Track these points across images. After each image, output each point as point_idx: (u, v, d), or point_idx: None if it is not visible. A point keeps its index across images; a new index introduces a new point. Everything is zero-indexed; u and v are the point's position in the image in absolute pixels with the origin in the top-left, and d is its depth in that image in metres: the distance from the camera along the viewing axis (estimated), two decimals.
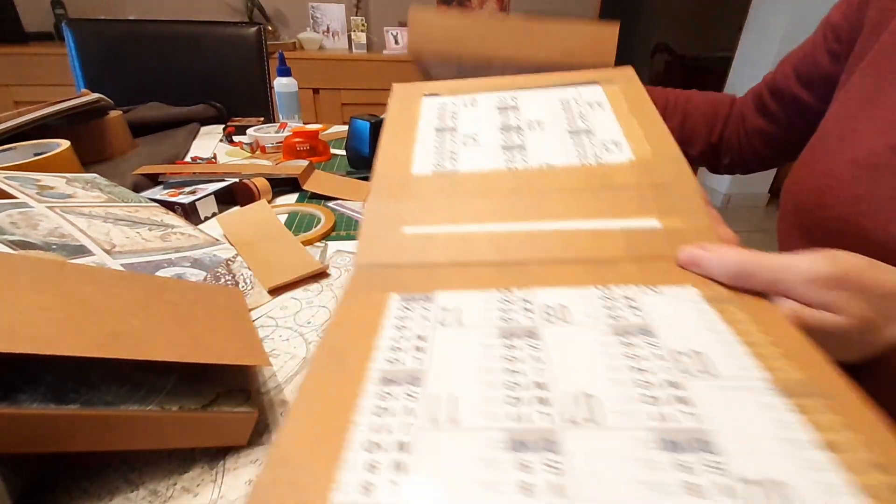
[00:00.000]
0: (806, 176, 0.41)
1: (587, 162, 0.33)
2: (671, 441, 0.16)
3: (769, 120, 0.55)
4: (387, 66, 2.15)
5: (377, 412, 0.18)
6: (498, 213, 0.30)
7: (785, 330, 0.21)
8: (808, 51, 0.49)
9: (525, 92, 0.41)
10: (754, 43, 2.35)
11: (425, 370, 0.20)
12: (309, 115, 2.12)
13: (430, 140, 0.37)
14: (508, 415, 0.18)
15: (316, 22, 2.31)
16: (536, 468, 0.16)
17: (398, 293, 0.25)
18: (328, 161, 0.82)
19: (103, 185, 0.56)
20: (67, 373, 0.23)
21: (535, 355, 0.21)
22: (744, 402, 0.18)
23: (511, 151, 0.35)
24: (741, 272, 0.24)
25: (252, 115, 1.06)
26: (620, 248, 0.27)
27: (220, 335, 0.29)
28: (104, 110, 0.79)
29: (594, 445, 0.17)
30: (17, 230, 0.39)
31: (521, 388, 0.19)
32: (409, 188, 0.33)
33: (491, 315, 0.23)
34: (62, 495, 0.24)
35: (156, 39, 1.18)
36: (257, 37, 1.23)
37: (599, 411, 0.18)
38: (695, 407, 0.17)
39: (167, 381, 0.25)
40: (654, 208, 0.29)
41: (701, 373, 0.19)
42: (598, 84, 0.41)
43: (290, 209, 0.60)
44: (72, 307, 0.25)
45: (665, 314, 0.22)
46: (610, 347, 0.21)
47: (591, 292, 0.24)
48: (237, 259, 0.47)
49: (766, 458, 0.16)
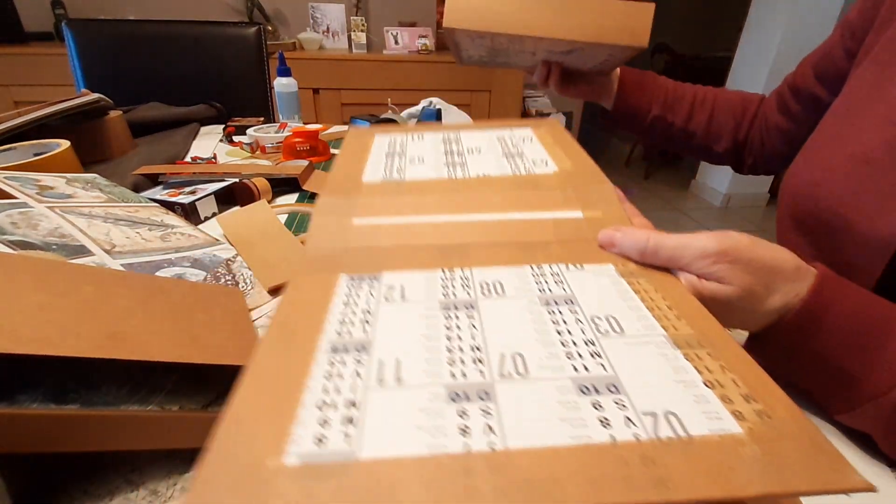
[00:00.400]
0: (803, 168, 0.42)
1: (518, 173, 0.38)
2: (587, 386, 0.20)
3: (789, 119, 0.55)
4: (387, 66, 2.14)
5: (327, 376, 0.20)
6: (440, 207, 0.34)
7: (681, 296, 0.26)
8: (827, 49, 0.49)
9: (466, 131, 0.47)
10: (754, 43, 2.35)
11: (371, 340, 0.22)
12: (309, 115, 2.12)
13: (380, 161, 0.41)
14: (448, 373, 0.20)
15: (316, 22, 2.31)
16: (472, 414, 0.18)
17: (346, 273, 0.27)
18: (328, 161, 0.82)
19: (103, 185, 0.56)
20: (67, 373, 0.23)
21: (472, 324, 0.23)
22: (646, 354, 0.22)
23: (453, 167, 0.39)
24: (646, 249, 0.28)
25: (252, 115, 1.06)
26: (549, 233, 0.31)
27: (220, 335, 0.29)
28: (104, 110, 0.79)
29: (522, 393, 0.19)
30: (17, 230, 0.39)
31: (459, 352, 0.22)
32: (358, 190, 0.36)
33: (433, 291, 0.26)
34: (62, 495, 0.24)
35: (156, 39, 1.18)
36: (257, 37, 1.23)
37: (528, 366, 0.21)
38: (607, 360, 0.21)
39: (167, 381, 0.25)
40: (577, 204, 0.34)
41: (613, 332, 0.23)
42: (529, 127, 0.48)
43: (290, 209, 0.60)
44: (72, 307, 0.25)
45: (586, 286, 0.26)
46: (538, 315, 0.24)
47: (523, 270, 0.28)
48: (237, 259, 0.47)
49: (663, 395, 0.19)
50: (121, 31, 1.18)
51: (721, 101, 0.60)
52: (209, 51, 1.21)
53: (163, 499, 0.24)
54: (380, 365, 0.21)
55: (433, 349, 0.22)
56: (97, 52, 1.16)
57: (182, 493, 0.24)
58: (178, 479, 0.25)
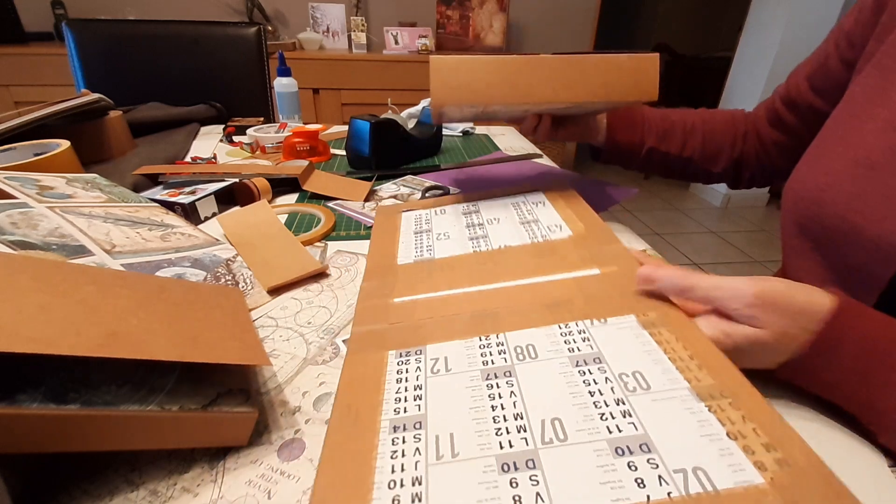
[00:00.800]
0: (807, 174, 0.42)
1: (536, 240, 0.42)
2: (621, 448, 0.22)
3: (786, 132, 0.55)
4: (387, 66, 2.14)
5: (392, 455, 0.23)
6: (469, 279, 0.37)
7: (702, 344, 0.27)
8: (821, 60, 0.48)
9: (483, 201, 0.52)
10: (754, 43, 2.35)
11: (425, 414, 0.25)
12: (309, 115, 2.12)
13: (410, 240, 0.46)
14: (497, 443, 0.23)
15: (316, 22, 2.30)
16: (522, 483, 0.21)
17: (394, 350, 0.30)
18: (328, 161, 0.82)
19: (103, 185, 0.56)
20: (67, 373, 0.23)
21: (512, 391, 0.26)
22: (673, 409, 0.23)
23: (476, 240, 0.43)
24: (683, 287, 0.29)
25: (252, 115, 1.06)
26: (573, 291, 0.34)
27: (220, 335, 0.29)
28: (104, 110, 0.79)
29: (564, 459, 0.21)
30: (17, 230, 0.39)
31: (503, 421, 0.24)
32: (395, 272, 0.40)
33: (473, 360, 0.29)
34: (62, 495, 0.24)
35: (156, 39, 1.18)
36: (257, 37, 1.23)
37: (566, 430, 0.23)
38: (637, 418, 0.23)
39: (167, 380, 0.25)
40: (592, 263, 0.37)
41: (640, 388, 0.25)
42: (541, 192, 0.52)
43: (290, 209, 0.60)
44: (72, 307, 0.25)
45: (611, 342, 0.28)
46: (570, 377, 0.26)
47: (552, 330, 0.30)
48: (237, 259, 0.47)
49: (691, 451, 0.21)
50: (121, 31, 1.18)
51: (710, 123, 0.60)
52: (209, 51, 1.21)
53: (163, 499, 0.24)
54: (436, 440, 0.23)
55: (481, 420, 0.24)
56: (97, 52, 1.16)
57: (182, 493, 0.24)
58: (178, 479, 0.25)
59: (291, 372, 0.33)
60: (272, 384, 0.32)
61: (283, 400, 0.31)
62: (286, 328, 0.38)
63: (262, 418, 0.29)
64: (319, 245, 0.52)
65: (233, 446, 0.27)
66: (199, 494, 0.24)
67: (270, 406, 0.30)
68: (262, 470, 0.26)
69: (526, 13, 2.49)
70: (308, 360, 0.34)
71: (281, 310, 0.40)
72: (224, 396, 0.26)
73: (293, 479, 0.25)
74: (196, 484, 0.25)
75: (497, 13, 2.34)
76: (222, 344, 0.28)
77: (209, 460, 0.26)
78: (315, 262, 0.45)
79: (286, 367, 0.33)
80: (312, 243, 0.52)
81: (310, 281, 0.44)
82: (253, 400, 0.27)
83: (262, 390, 0.31)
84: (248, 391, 0.28)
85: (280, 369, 0.33)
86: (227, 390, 0.27)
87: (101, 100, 0.77)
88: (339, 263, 0.48)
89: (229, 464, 0.26)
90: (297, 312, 0.40)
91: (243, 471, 0.26)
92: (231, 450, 0.27)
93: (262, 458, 0.27)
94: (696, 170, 0.61)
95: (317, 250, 0.50)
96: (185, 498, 0.24)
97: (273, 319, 0.39)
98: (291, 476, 0.26)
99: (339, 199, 0.64)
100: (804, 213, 0.41)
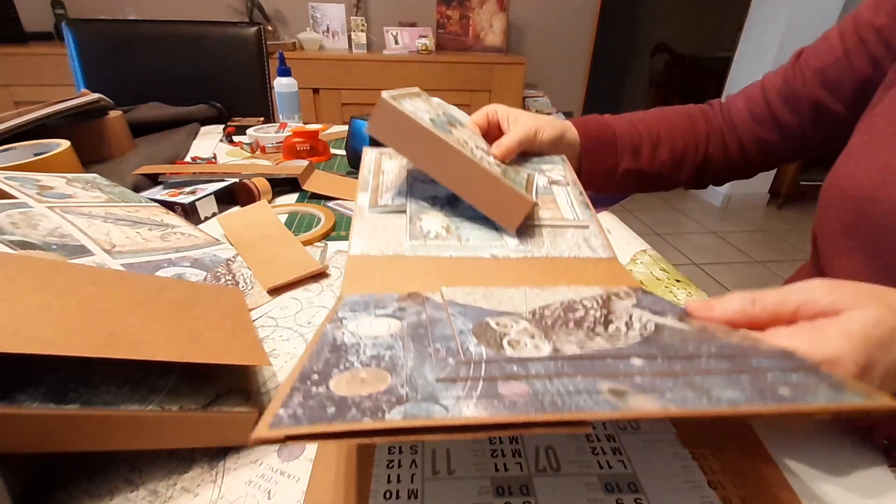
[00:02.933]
0: (856, 171, 0.40)
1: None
2: (611, 484, 0.22)
3: (778, 130, 0.52)
4: (387, 66, 2.14)
5: (389, 465, 0.23)
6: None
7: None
8: (838, 55, 0.46)
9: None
10: (754, 43, 2.35)
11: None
12: (309, 115, 2.12)
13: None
14: (492, 465, 0.22)
15: (316, 22, 2.31)
16: None
17: None
18: (328, 161, 0.82)
19: (103, 185, 0.56)
20: (67, 373, 0.23)
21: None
22: (661, 451, 0.23)
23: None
24: (745, 305, 0.24)
25: (252, 115, 1.06)
26: None
27: (220, 335, 0.29)
28: (104, 110, 0.79)
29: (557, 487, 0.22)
30: (17, 230, 0.39)
31: (500, 443, 0.23)
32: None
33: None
34: (62, 495, 0.24)
35: (156, 39, 1.18)
36: (257, 37, 1.23)
37: (559, 461, 0.23)
38: (626, 456, 0.23)
39: (167, 380, 0.25)
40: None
41: (630, 427, 0.25)
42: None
43: (290, 209, 0.60)
44: (72, 307, 0.25)
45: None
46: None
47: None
48: (237, 259, 0.47)
49: (675, 495, 0.22)
50: (121, 31, 1.18)
51: (672, 129, 0.55)
52: (209, 51, 1.21)
53: (163, 499, 0.24)
54: (433, 455, 0.23)
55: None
56: (97, 52, 1.16)
57: (182, 493, 0.24)
58: (178, 479, 0.25)
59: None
60: (272, 384, 0.32)
61: None
62: (286, 328, 0.38)
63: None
64: (319, 245, 0.52)
65: (233, 446, 0.27)
66: (199, 494, 0.24)
67: None
68: (262, 470, 0.26)
69: (526, 13, 2.49)
70: None
71: (281, 310, 0.40)
72: (224, 396, 0.26)
73: (293, 479, 0.25)
74: (196, 484, 0.25)
75: (497, 13, 2.34)
76: (222, 344, 0.28)
77: (209, 460, 0.26)
78: (315, 262, 0.45)
79: (286, 367, 0.33)
80: (312, 243, 0.52)
81: (310, 281, 0.44)
82: (253, 400, 0.27)
83: (262, 390, 0.31)
84: (248, 391, 0.28)
85: (280, 369, 0.33)
86: (227, 390, 0.27)
87: (101, 100, 0.77)
88: (339, 263, 0.48)
89: (229, 464, 0.26)
90: (297, 312, 0.40)
91: (243, 471, 0.26)
92: (231, 450, 0.27)
93: (262, 458, 0.27)
94: (663, 181, 0.57)
95: (317, 250, 0.50)
96: (185, 498, 0.24)
97: (273, 319, 0.39)
98: (291, 476, 0.26)
99: (339, 199, 0.64)
100: (853, 212, 0.39)
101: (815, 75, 0.47)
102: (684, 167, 0.55)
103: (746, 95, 0.55)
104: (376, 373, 0.19)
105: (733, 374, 0.18)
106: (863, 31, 0.44)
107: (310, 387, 0.17)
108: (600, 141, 0.52)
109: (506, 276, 0.31)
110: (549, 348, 0.21)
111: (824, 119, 0.48)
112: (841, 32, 0.46)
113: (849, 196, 0.40)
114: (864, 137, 0.41)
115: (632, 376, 0.18)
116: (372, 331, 0.23)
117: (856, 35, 0.44)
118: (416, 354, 0.21)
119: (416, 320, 0.25)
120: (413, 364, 0.20)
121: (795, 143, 0.52)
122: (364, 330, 0.24)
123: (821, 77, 0.47)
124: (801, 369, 0.18)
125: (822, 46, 0.48)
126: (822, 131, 0.50)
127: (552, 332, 0.22)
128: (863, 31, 0.44)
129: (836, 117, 0.48)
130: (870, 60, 0.43)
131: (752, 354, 0.20)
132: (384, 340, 0.22)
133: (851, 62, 0.44)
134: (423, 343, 0.22)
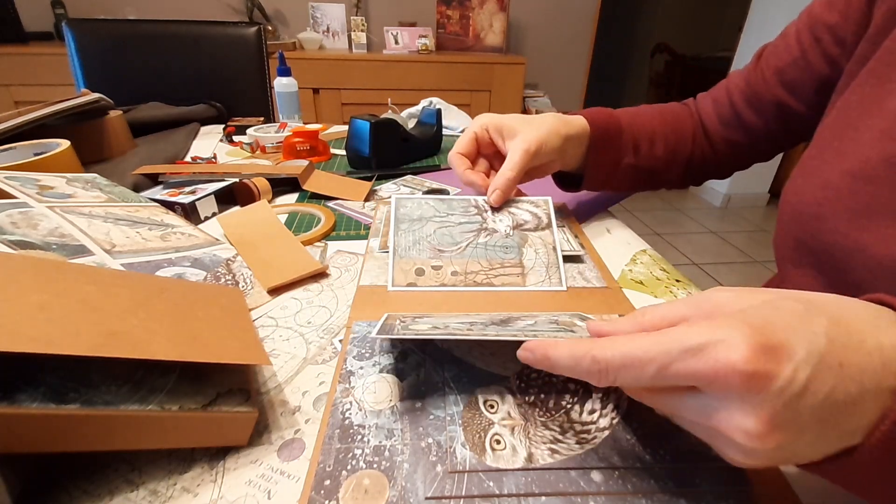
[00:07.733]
0: (803, 186, 0.40)
1: None
2: None
3: (744, 132, 0.51)
4: (387, 66, 2.14)
5: None
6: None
7: None
8: (795, 54, 0.45)
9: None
10: (754, 43, 2.35)
11: None
12: (309, 115, 2.12)
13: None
14: None
15: (316, 22, 2.31)
16: None
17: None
18: (328, 161, 0.82)
19: (103, 184, 0.56)
20: (67, 373, 0.23)
21: None
22: None
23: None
24: (637, 313, 0.24)
25: (252, 115, 1.06)
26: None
27: (220, 335, 0.29)
28: (104, 110, 0.79)
29: None
30: (17, 230, 0.39)
31: None
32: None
33: None
34: (62, 495, 0.24)
35: (156, 39, 1.18)
36: (257, 37, 1.23)
37: None
38: None
39: (167, 380, 0.25)
40: None
41: None
42: None
43: (290, 209, 0.60)
44: (72, 307, 0.25)
45: None
46: None
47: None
48: (237, 259, 0.47)
49: None
50: (121, 30, 1.18)
51: (666, 125, 0.54)
52: (209, 51, 1.21)
53: (163, 499, 0.24)
54: None
55: None
56: (97, 52, 1.16)
57: (182, 493, 0.24)
58: (178, 479, 0.25)
59: (291, 372, 0.33)
60: (272, 384, 0.32)
61: (283, 400, 0.31)
62: (286, 328, 0.38)
63: (262, 418, 0.29)
64: (319, 245, 0.52)
65: (233, 446, 0.27)
66: (199, 494, 0.24)
67: (270, 406, 0.30)
68: (261, 470, 0.26)
69: (526, 13, 2.49)
70: (308, 359, 0.34)
71: (281, 310, 0.40)
72: (224, 396, 0.26)
73: (293, 479, 0.25)
74: (196, 484, 0.25)
75: (497, 13, 2.34)
76: (222, 344, 0.28)
77: (209, 460, 0.26)
78: (315, 262, 0.45)
79: (286, 367, 0.33)
80: (312, 243, 0.52)
81: (310, 281, 0.44)
82: (253, 400, 0.27)
83: (262, 390, 0.31)
84: (248, 391, 0.28)
85: (280, 369, 0.33)
86: (227, 390, 0.27)
87: (101, 99, 0.77)
88: (339, 263, 0.48)
89: (229, 464, 0.26)
90: (297, 312, 0.40)
91: (243, 471, 0.26)
92: (231, 450, 0.27)
93: (262, 458, 0.27)
94: (654, 179, 0.56)
95: (317, 250, 0.50)
96: (185, 498, 0.24)
97: (273, 319, 0.39)
98: (291, 476, 0.26)
99: (339, 199, 0.64)
100: (802, 228, 0.39)
101: (776, 76, 0.47)
102: (675, 164, 0.55)
103: (713, 97, 0.55)
104: (378, 479, 0.24)
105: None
106: (817, 30, 0.43)
107: (323, 499, 0.23)
108: (608, 134, 0.51)
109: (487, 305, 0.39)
110: (525, 454, 0.25)
111: (789, 119, 0.48)
112: (798, 31, 0.46)
113: (798, 212, 0.39)
114: (812, 151, 0.41)
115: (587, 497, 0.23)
116: (376, 399, 0.29)
117: (811, 34, 0.44)
118: (412, 453, 0.26)
119: (415, 381, 0.31)
120: (408, 469, 0.25)
121: (765, 144, 0.52)
122: (369, 398, 0.29)
123: (781, 77, 0.46)
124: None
125: (781, 45, 0.47)
126: (789, 132, 0.49)
127: (531, 421, 0.27)
128: (817, 29, 0.43)
129: (799, 118, 0.47)
130: (826, 60, 0.43)
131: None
132: (386, 422, 0.28)
133: (809, 62, 0.44)
134: (418, 430, 0.27)
